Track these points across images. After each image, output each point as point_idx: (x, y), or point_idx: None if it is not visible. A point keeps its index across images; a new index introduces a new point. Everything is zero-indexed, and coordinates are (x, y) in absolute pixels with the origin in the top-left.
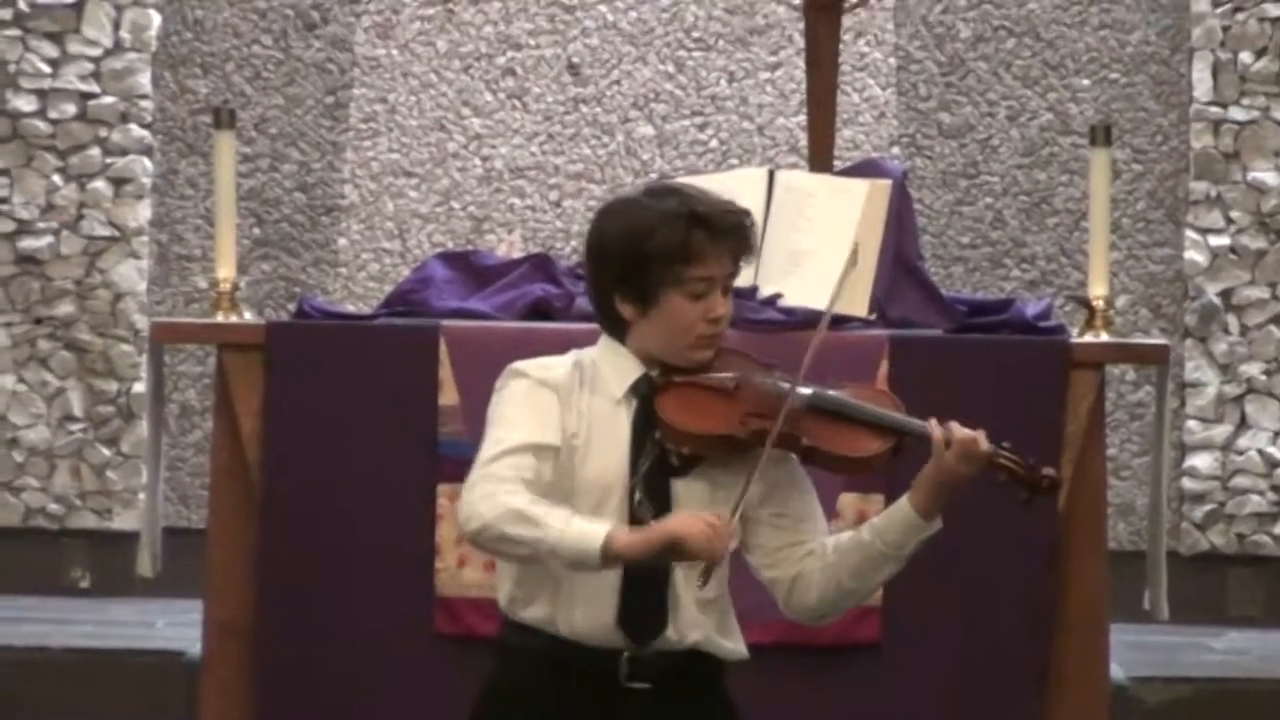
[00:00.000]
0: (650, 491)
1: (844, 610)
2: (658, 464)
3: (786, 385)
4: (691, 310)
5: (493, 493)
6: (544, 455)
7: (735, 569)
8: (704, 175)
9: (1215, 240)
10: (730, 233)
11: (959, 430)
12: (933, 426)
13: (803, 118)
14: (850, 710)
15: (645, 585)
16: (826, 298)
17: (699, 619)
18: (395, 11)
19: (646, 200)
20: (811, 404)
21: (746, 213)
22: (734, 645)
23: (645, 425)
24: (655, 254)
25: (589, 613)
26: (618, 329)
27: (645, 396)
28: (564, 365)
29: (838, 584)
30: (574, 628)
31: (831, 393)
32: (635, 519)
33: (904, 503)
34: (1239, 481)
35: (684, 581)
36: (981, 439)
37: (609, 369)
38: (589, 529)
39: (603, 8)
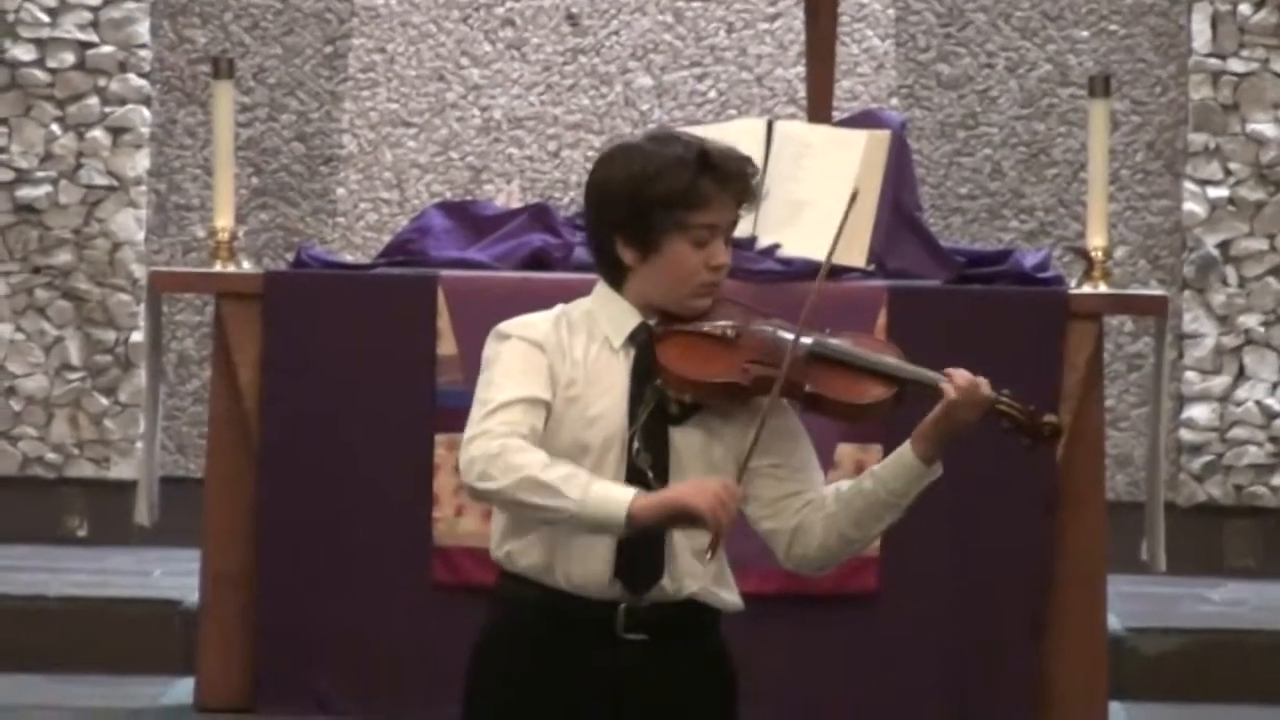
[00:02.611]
0: (648, 440)
1: (843, 560)
2: (656, 412)
3: (786, 333)
4: (694, 257)
5: (497, 452)
6: (535, 409)
7: None
8: (703, 126)
9: (1214, 192)
10: (735, 179)
11: (962, 376)
12: (938, 374)
13: (801, 68)
14: (848, 659)
15: (641, 536)
16: (827, 244)
17: (695, 570)
18: None
19: (651, 146)
20: (814, 351)
21: (750, 160)
22: (731, 596)
23: (644, 374)
24: (660, 198)
25: (585, 564)
26: (617, 276)
27: (644, 345)
28: (547, 320)
29: (839, 533)
30: (570, 579)
31: (834, 340)
32: (634, 468)
33: (906, 449)
34: (1237, 433)
35: (680, 532)
36: (985, 384)
37: (606, 318)
38: (609, 497)
39: None
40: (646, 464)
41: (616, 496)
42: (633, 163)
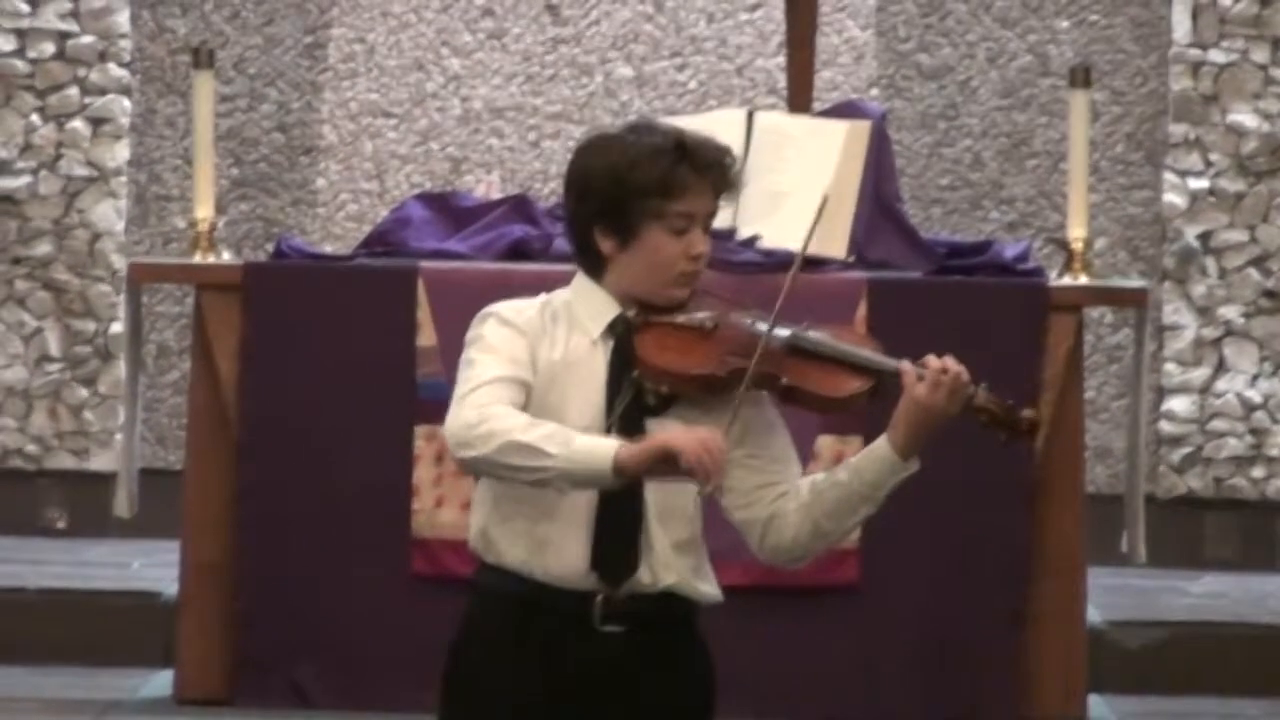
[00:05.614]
0: (626, 430)
1: (817, 553)
2: (633, 404)
3: (764, 325)
4: (672, 246)
5: (476, 421)
6: (516, 387)
7: (709, 511)
8: (683, 116)
9: (1194, 183)
10: (713, 168)
11: (936, 362)
12: (911, 365)
13: (782, 59)
14: (828, 651)
15: (618, 528)
16: (801, 240)
17: (673, 561)
18: None
19: (629, 135)
20: (790, 343)
21: (729, 150)
22: (709, 588)
23: (622, 365)
24: (638, 187)
25: (561, 555)
26: (596, 266)
27: (622, 336)
28: (533, 307)
29: (814, 525)
30: (547, 570)
31: (811, 333)
32: None
33: (882, 442)
34: (1217, 425)
35: (658, 523)
36: (963, 372)
37: (584, 309)
38: (595, 449)
39: None
40: None
41: (602, 446)
42: (610, 152)
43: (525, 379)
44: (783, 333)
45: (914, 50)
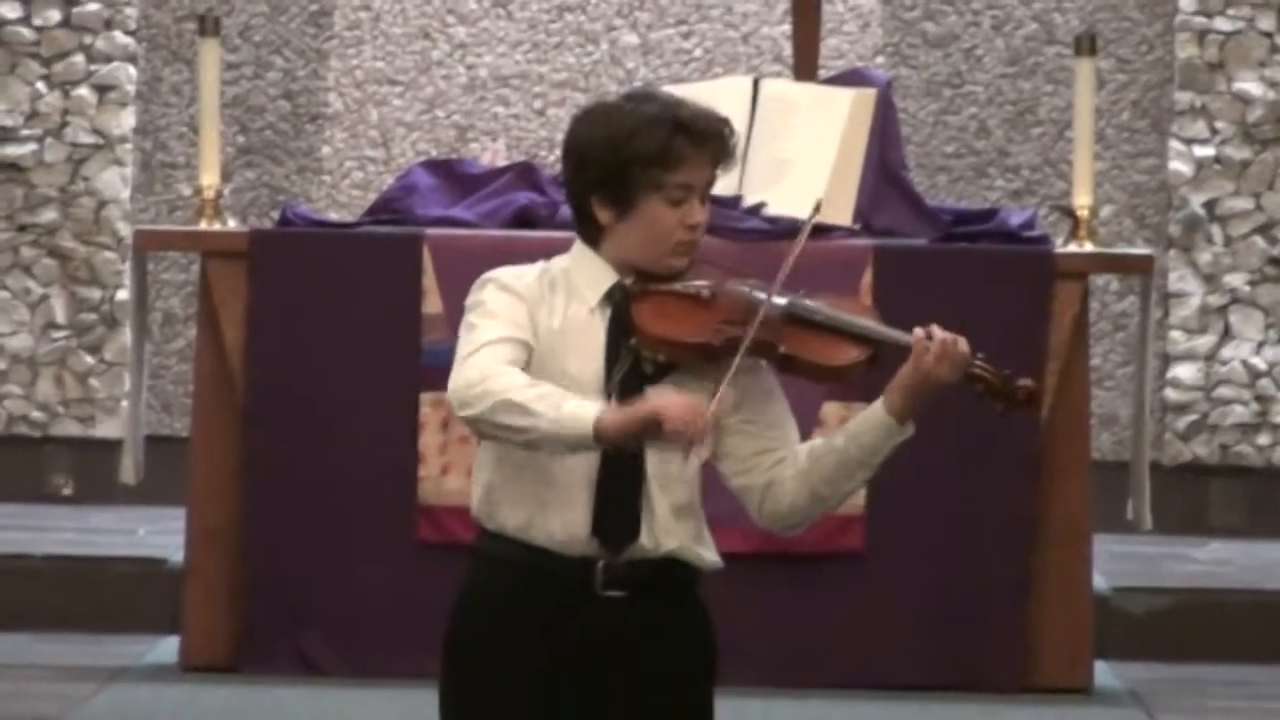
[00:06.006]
0: (624, 398)
1: (814, 519)
2: (631, 371)
3: (762, 294)
4: (670, 216)
5: (476, 379)
6: (518, 347)
7: (708, 477)
8: (688, 84)
9: (1200, 150)
10: (711, 139)
11: (939, 331)
12: (913, 333)
13: (787, 26)
14: (831, 618)
15: (619, 493)
16: (811, 202)
17: (673, 527)
18: None
19: (627, 105)
20: (788, 312)
21: (727, 120)
22: (710, 554)
23: (619, 332)
24: (635, 157)
25: (562, 521)
26: (594, 235)
27: (619, 304)
28: (531, 273)
29: (811, 491)
30: (549, 535)
31: (808, 301)
32: None
33: (878, 407)
34: (1222, 392)
35: (658, 489)
36: (962, 342)
37: (582, 277)
38: (579, 413)
39: None
40: None
41: (586, 410)
42: (609, 122)
43: (527, 340)
44: (780, 301)
45: (919, 18)
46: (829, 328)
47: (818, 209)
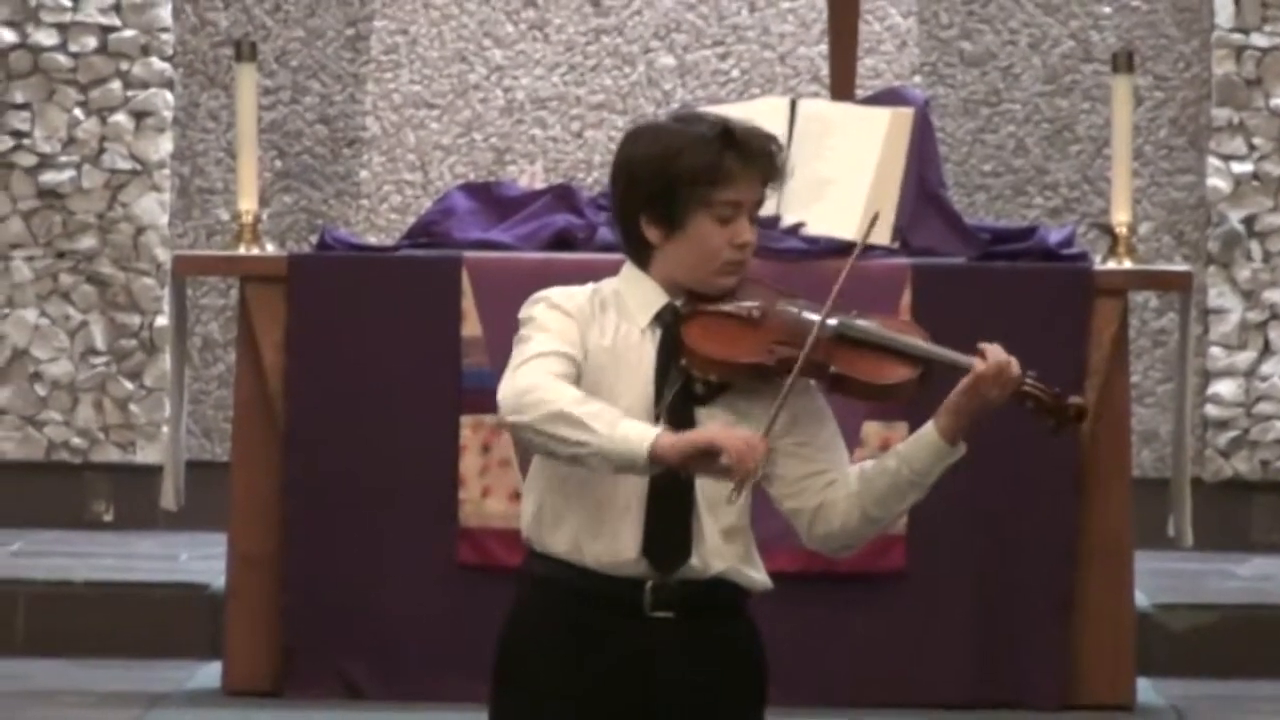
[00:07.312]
0: (674, 420)
1: (866, 540)
2: (682, 392)
3: (812, 314)
4: (718, 235)
5: (528, 387)
6: (568, 362)
7: (757, 499)
8: (726, 105)
9: (1238, 167)
10: (760, 156)
11: (995, 351)
12: (967, 356)
13: (824, 47)
14: (875, 638)
15: (668, 514)
16: (851, 222)
17: (722, 549)
18: None
19: (675, 124)
20: (839, 332)
21: (775, 138)
22: (759, 575)
23: (670, 353)
24: (685, 175)
25: (612, 543)
26: (643, 254)
27: (670, 325)
28: (583, 294)
29: (862, 512)
30: (598, 557)
31: (859, 321)
32: None
33: (929, 428)
34: (1263, 408)
35: (707, 511)
36: (1015, 363)
37: (633, 298)
38: (634, 435)
39: None
40: None
41: (641, 432)
42: (657, 141)
43: (576, 357)
44: (831, 321)
45: (956, 37)
46: (880, 347)
47: (874, 222)
